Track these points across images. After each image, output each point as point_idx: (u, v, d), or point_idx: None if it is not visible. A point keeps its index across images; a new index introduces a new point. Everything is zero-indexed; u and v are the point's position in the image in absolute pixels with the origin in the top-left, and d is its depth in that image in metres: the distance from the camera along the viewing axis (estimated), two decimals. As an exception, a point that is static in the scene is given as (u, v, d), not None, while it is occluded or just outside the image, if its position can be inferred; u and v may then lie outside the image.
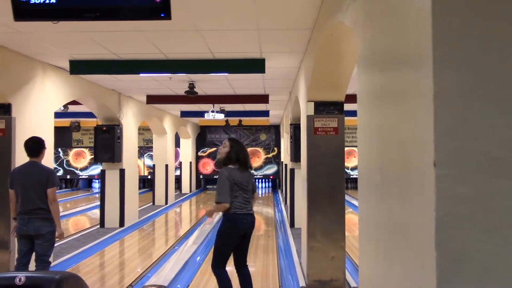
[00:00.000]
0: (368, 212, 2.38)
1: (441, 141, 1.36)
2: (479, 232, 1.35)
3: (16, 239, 5.19)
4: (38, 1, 2.63)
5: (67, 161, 20.71)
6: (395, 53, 1.78)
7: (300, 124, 7.75)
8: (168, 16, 2.66)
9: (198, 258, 7.70)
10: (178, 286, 6.11)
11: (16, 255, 5.14)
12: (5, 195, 6.04)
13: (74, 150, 20.74)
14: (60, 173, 20.22)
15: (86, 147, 20.65)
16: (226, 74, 7.48)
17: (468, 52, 1.36)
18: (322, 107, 5.97)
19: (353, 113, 7.92)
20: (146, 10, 2.70)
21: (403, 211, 1.71)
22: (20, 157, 5.30)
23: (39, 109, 6.86)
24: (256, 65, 6.76)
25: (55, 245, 7.69)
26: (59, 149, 19.82)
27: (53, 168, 7.22)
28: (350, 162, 19.58)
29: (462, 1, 1.36)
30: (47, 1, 2.63)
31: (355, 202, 14.16)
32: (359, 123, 2.56)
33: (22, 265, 5.02)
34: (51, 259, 5.32)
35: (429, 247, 1.39)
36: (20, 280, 2.56)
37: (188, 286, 6.11)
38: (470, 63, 1.36)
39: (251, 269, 6.99)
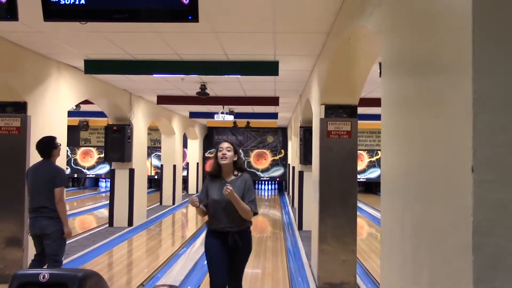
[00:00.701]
0: (392, 217, 2.40)
1: (479, 147, 1.37)
2: (515, 237, 1.37)
3: (30, 237, 5.23)
4: (68, 2, 2.67)
5: (75, 159, 20.81)
6: (429, 58, 1.80)
7: (310, 127, 7.78)
8: (195, 19, 2.69)
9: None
10: (189, 287, 6.14)
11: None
12: (18, 193, 6.13)
13: (82, 149, 20.83)
14: (68, 171, 20.27)
15: (93, 146, 20.73)
16: (239, 76, 7.51)
17: (508, 58, 1.38)
18: (335, 110, 5.98)
19: (361, 117, 7.97)
20: (174, 13, 2.72)
21: (434, 215, 1.73)
22: (35, 155, 5.33)
23: (54, 108, 6.92)
24: (269, 68, 6.78)
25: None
26: (67, 148, 19.86)
27: (64, 167, 7.27)
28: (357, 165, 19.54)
29: (503, 7, 1.38)
30: (77, 2, 2.66)
31: (361, 206, 14.16)
32: (384, 127, 2.57)
33: (38, 261, 5.06)
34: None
35: (466, 251, 1.40)
36: (44, 277, 2.59)
37: (199, 286, 6.13)
38: (510, 69, 1.37)
39: (259, 271, 7.02)
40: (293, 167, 14.79)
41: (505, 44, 1.38)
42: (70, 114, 8.48)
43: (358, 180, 20.37)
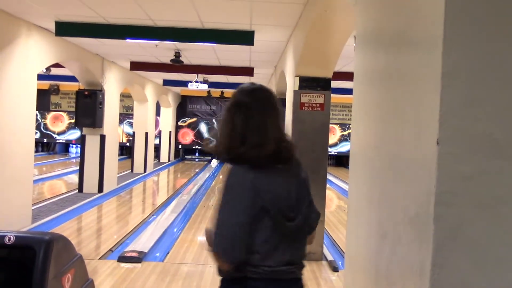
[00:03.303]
0: (359, 189, 2.44)
1: (445, 120, 1.40)
2: (475, 209, 1.41)
3: None
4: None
5: (45, 124, 20.41)
6: (403, 32, 1.81)
7: (284, 98, 7.78)
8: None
9: (176, 227, 7.75)
10: (158, 253, 6.16)
11: None
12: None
13: (52, 113, 20.43)
14: (37, 136, 19.92)
15: (64, 111, 20.34)
16: (214, 44, 7.43)
17: (478, 34, 1.39)
18: (309, 83, 5.99)
19: (335, 91, 8.01)
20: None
21: (400, 187, 1.77)
22: None
23: (22, 70, 6.73)
24: (245, 37, 6.73)
25: (33, 208, 7.69)
26: (37, 112, 19.46)
27: (33, 132, 7.15)
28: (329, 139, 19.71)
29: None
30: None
31: (332, 178, 14.35)
32: (355, 100, 2.60)
33: None
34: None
35: (427, 221, 1.44)
36: (9, 239, 2.56)
37: (168, 253, 6.17)
38: (479, 45, 1.39)
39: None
40: (266, 139, 14.80)
41: (476, 20, 1.40)
42: (40, 77, 8.29)
43: (329, 153, 20.57)
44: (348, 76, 8.96)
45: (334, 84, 6.41)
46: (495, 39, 1.39)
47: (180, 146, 21.14)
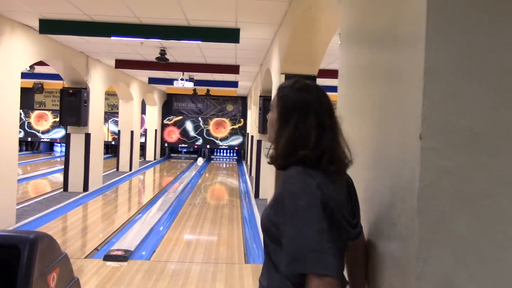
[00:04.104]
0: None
1: (428, 115, 1.42)
2: (457, 203, 1.43)
3: None
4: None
5: (29, 123, 20.23)
6: (386, 29, 1.83)
7: (270, 96, 7.80)
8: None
9: (162, 226, 7.73)
10: (144, 252, 6.15)
11: None
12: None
13: (36, 112, 20.25)
14: (21, 135, 19.71)
15: (48, 110, 20.18)
16: (200, 42, 7.41)
17: (459, 30, 1.41)
18: (295, 80, 6.00)
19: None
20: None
21: (385, 182, 1.79)
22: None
23: (5, 68, 6.66)
24: (230, 35, 6.73)
25: (17, 207, 7.62)
26: (20, 111, 19.25)
27: (17, 131, 7.08)
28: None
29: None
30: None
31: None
32: (340, 97, 2.61)
33: None
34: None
35: (411, 215, 1.46)
36: (-7, 238, 2.54)
37: (154, 251, 6.15)
38: (460, 41, 1.41)
39: (215, 238, 7.09)
40: (252, 136, 14.85)
41: (457, 17, 1.42)
42: (24, 75, 8.22)
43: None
44: (334, 74, 8.97)
45: (320, 81, 6.43)
46: (476, 36, 1.42)
47: (166, 144, 21.07)
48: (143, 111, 18.62)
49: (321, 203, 1.51)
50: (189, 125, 20.97)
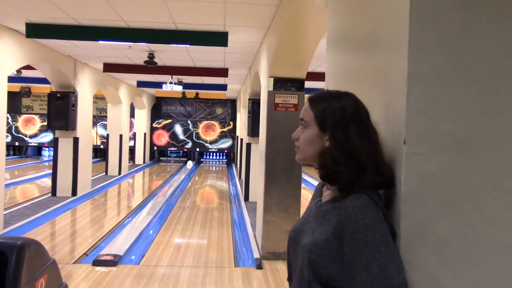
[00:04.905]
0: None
1: (412, 121, 1.44)
2: (440, 206, 1.45)
3: None
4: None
5: (16, 127, 20.09)
6: (371, 35, 1.85)
7: (259, 99, 7.82)
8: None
9: (152, 230, 7.71)
10: (133, 256, 6.13)
11: None
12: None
13: (24, 116, 20.10)
14: (8, 139, 19.57)
15: (36, 114, 20.05)
16: (188, 45, 7.41)
17: (442, 36, 1.44)
18: (284, 84, 6.04)
19: (308, 91, 8.07)
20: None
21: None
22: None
23: (-8, 72, 6.63)
24: (219, 38, 6.73)
25: (4, 212, 7.56)
26: (8, 115, 19.13)
27: (4, 136, 7.03)
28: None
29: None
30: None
31: (307, 178, 14.43)
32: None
33: None
34: None
35: (395, 220, 1.48)
36: (-20, 245, 2.52)
37: (144, 256, 6.14)
38: (443, 47, 1.44)
39: (205, 241, 7.09)
40: (241, 139, 14.85)
41: (440, 23, 1.44)
42: (11, 79, 8.16)
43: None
44: (322, 77, 9.01)
45: (308, 84, 6.47)
46: (458, 42, 1.44)
47: (155, 148, 21.01)
48: (132, 115, 18.56)
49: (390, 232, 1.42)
50: (178, 128, 20.93)
